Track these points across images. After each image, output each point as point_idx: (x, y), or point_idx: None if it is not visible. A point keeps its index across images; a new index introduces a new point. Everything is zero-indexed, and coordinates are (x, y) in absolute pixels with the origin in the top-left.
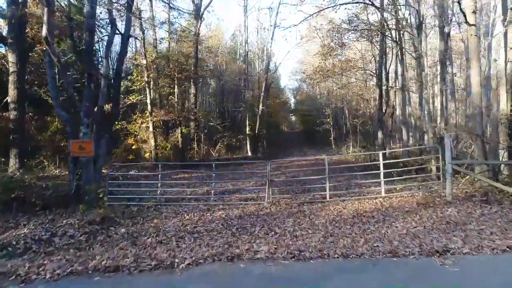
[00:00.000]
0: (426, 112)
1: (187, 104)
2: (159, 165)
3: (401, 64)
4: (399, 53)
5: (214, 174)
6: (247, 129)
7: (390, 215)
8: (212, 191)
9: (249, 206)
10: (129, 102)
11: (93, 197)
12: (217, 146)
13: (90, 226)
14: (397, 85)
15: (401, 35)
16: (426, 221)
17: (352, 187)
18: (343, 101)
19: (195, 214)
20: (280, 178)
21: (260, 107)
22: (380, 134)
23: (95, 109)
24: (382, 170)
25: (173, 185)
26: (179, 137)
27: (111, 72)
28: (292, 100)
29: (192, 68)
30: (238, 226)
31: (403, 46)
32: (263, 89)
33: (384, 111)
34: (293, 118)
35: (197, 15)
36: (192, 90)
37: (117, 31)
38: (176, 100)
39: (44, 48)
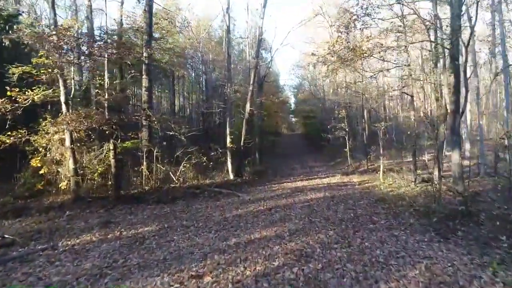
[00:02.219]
0: None
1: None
2: None
3: None
4: None
5: None
6: (228, 139)
7: None
8: None
9: None
10: (27, 100)
11: None
12: (181, 166)
13: None
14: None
15: None
16: None
17: None
18: (364, 98)
19: None
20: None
21: (248, 107)
22: (457, 156)
23: None
24: None
25: None
26: (110, 156)
27: None
28: (292, 100)
29: (145, 50)
30: None
31: None
32: (251, 81)
33: (461, 111)
34: (294, 119)
35: None
36: (144, 83)
37: None
38: (105, 96)
39: None
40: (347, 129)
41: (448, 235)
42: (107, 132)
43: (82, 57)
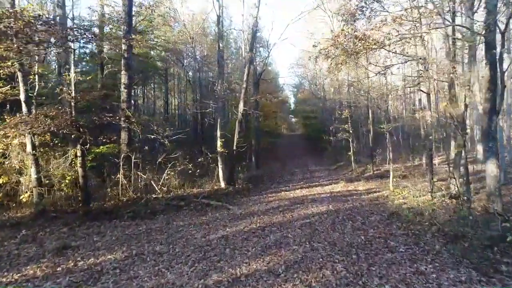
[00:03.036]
0: None
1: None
2: None
3: None
4: None
5: None
6: (219, 143)
7: None
8: None
9: None
10: None
11: None
12: (165, 174)
13: None
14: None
15: None
16: None
17: None
18: (370, 97)
19: None
20: None
21: (241, 106)
22: (493, 167)
23: None
24: None
25: None
26: (78, 164)
27: None
28: (292, 100)
29: (123, 42)
30: None
31: None
32: (245, 77)
33: (497, 110)
34: (294, 119)
35: None
36: (123, 79)
37: None
38: (72, 94)
39: None
40: (351, 131)
41: (490, 271)
42: (72, 136)
43: (30, 46)
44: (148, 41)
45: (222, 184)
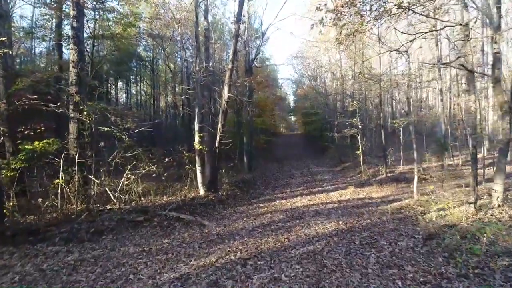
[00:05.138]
0: None
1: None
2: None
3: None
4: None
5: None
6: (197, 139)
7: None
8: None
9: None
10: None
11: None
12: (123, 179)
13: None
14: None
15: None
16: None
17: None
18: (382, 85)
19: None
20: None
21: (225, 93)
22: None
23: None
24: None
25: None
26: None
27: None
28: (292, 98)
29: (72, 8)
30: None
31: None
32: (231, 56)
33: None
34: (293, 118)
35: None
36: (72, 55)
37: None
38: None
39: None
40: (360, 126)
41: None
42: None
43: None
44: (110, 11)
45: (201, 191)
